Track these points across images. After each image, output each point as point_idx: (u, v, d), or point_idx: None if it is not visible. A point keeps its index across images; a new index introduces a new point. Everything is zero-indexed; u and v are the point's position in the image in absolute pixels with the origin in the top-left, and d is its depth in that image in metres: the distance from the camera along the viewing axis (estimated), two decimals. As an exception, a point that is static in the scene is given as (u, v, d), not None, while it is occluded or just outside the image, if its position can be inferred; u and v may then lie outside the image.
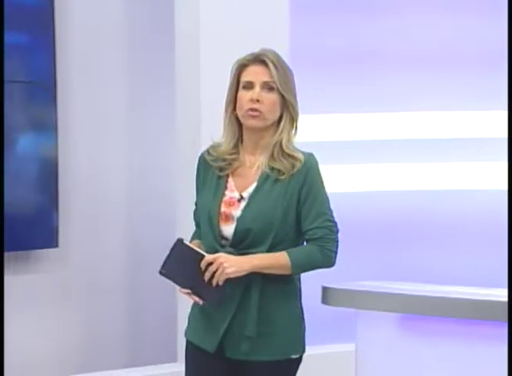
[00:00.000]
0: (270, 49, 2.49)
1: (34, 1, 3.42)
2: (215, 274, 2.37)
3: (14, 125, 3.30)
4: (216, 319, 2.45)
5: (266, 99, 2.40)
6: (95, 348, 3.50)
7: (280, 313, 2.46)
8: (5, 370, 3.15)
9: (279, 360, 2.44)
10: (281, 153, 2.45)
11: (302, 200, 2.46)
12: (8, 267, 3.31)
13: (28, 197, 3.30)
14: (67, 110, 3.35)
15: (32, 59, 3.35)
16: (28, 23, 3.37)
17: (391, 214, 3.83)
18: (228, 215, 2.45)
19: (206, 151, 2.53)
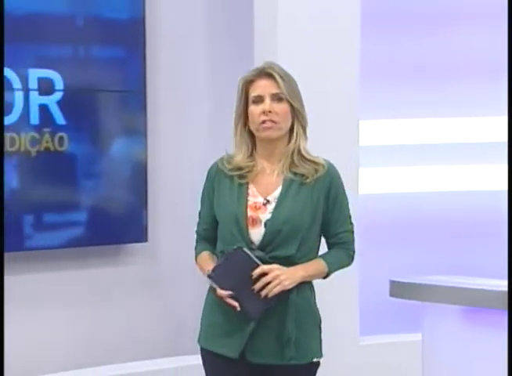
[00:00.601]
0: (273, 62, 2.51)
1: (128, 16, 3.52)
2: (268, 285, 2.35)
3: (109, 131, 3.44)
4: (238, 325, 2.42)
5: (278, 109, 2.42)
6: (178, 337, 3.58)
7: (302, 317, 2.45)
8: (99, 355, 3.36)
9: (303, 364, 2.44)
10: (302, 159, 2.46)
11: (331, 205, 2.48)
12: (101, 260, 3.52)
13: (121, 196, 3.43)
14: (156, 117, 3.45)
15: (125, 70, 3.47)
16: (122, 37, 3.49)
17: (454, 213, 3.84)
18: (255, 219, 2.44)
19: (219, 162, 2.53)
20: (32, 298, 3.32)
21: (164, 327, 3.46)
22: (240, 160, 2.48)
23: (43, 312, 3.39)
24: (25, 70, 3.32)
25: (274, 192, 2.46)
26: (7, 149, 3.28)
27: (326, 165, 2.48)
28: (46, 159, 3.37)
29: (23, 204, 3.36)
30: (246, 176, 2.48)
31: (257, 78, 2.45)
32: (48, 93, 3.37)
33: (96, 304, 3.46)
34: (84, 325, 3.40)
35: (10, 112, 3.32)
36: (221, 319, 2.45)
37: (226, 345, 2.44)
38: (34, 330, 3.37)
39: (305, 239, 2.45)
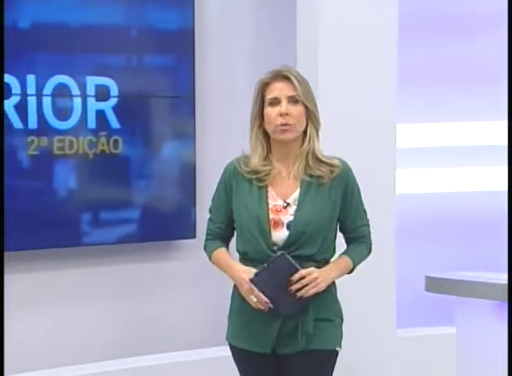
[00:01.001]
0: (288, 65, 2.49)
1: (178, 27, 3.58)
2: (305, 287, 2.36)
3: (160, 134, 3.53)
4: (267, 323, 2.43)
5: (294, 111, 2.40)
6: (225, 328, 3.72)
7: (329, 311, 2.48)
8: (152, 343, 3.44)
9: (327, 350, 2.46)
10: (317, 161, 2.45)
11: (348, 202, 2.49)
12: (152, 255, 3.61)
13: (171, 195, 3.52)
14: (204, 120, 3.53)
15: (175, 77, 3.54)
16: (172, 47, 3.56)
17: (487, 212, 3.85)
18: (277, 221, 2.43)
19: (236, 163, 2.50)
20: (89, 290, 3.43)
21: (211, 320, 3.50)
22: (257, 164, 2.46)
23: (98, 304, 3.49)
24: (83, 77, 3.41)
25: (292, 194, 2.45)
26: (66, 151, 3.37)
27: (340, 165, 2.47)
28: (102, 161, 3.46)
29: (80, 203, 3.46)
30: (264, 179, 2.46)
31: (274, 81, 2.43)
32: (104, 99, 3.45)
33: (147, 296, 3.55)
34: (137, 316, 3.49)
35: (69, 117, 3.41)
36: (251, 318, 2.46)
37: (259, 343, 2.46)
38: (91, 322, 3.46)
39: (326, 237, 2.45)
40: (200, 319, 3.56)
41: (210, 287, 3.56)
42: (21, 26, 3.27)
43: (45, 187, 3.42)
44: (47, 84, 3.36)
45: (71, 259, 3.44)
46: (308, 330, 2.42)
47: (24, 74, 3.31)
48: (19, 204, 3.32)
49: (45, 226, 3.40)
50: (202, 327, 3.58)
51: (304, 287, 2.35)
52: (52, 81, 3.38)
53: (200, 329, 3.56)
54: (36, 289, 3.42)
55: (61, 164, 3.43)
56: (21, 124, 3.31)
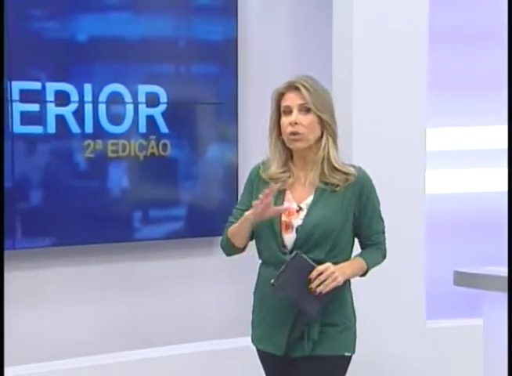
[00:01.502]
0: (304, 75, 2.45)
1: (222, 38, 3.66)
2: (324, 282, 2.33)
3: (205, 138, 3.61)
4: (279, 325, 2.42)
5: (303, 120, 2.38)
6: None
7: (338, 315, 2.44)
8: (198, 332, 3.52)
9: (335, 356, 2.42)
10: (332, 169, 2.42)
11: (362, 209, 2.45)
12: (196, 250, 3.68)
13: (214, 194, 3.60)
14: (246, 125, 3.59)
15: (219, 85, 3.62)
16: (217, 56, 3.64)
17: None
18: (288, 224, 2.42)
19: (261, 166, 2.50)
20: (139, 281, 3.53)
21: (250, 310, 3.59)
22: (274, 172, 2.45)
23: (148, 295, 3.58)
24: (135, 86, 3.50)
25: (306, 199, 2.44)
26: (119, 154, 3.47)
27: (356, 173, 2.44)
28: (152, 163, 3.55)
29: (132, 202, 3.55)
30: (283, 185, 2.45)
31: (287, 91, 2.43)
32: (154, 106, 3.54)
33: (193, 287, 3.64)
34: (183, 306, 3.59)
35: (122, 122, 3.50)
36: (266, 320, 2.46)
37: (272, 344, 2.45)
38: (141, 310, 3.56)
39: (336, 243, 2.42)
40: (238, 310, 3.61)
41: (249, 281, 3.56)
42: (79, 39, 3.39)
43: (99, 187, 3.51)
44: (102, 93, 3.45)
45: (123, 253, 3.54)
46: (314, 335, 2.40)
47: (82, 83, 3.41)
48: (77, 202, 3.43)
49: (100, 223, 3.49)
50: (241, 316, 3.63)
51: (322, 283, 2.33)
52: (107, 89, 3.46)
53: (241, 318, 3.56)
54: (92, 280, 3.53)
55: (114, 166, 3.52)
56: (78, 129, 3.42)
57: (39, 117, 3.36)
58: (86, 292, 3.53)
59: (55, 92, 3.37)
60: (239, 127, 3.61)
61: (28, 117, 3.33)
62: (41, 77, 3.34)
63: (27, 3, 3.29)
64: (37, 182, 3.38)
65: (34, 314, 3.45)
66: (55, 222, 3.40)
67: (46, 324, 3.47)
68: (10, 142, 3.27)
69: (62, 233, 3.42)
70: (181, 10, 3.61)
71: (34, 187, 3.37)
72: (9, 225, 3.27)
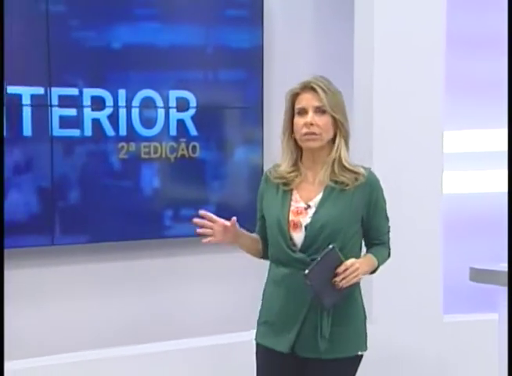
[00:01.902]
0: (319, 76, 2.42)
1: (248, 46, 3.71)
2: (348, 277, 2.29)
3: (232, 140, 3.66)
4: (288, 323, 2.38)
5: (319, 121, 2.35)
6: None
7: (349, 314, 2.41)
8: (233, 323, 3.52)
9: (349, 357, 2.39)
10: (342, 168, 2.39)
11: (371, 211, 2.41)
12: (223, 246, 3.61)
13: (241, 194, 3.64)
14: (271, 128, 3.57)
15: (245, 90, 3.67)
16: (244, 63, 3.70)
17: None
18: (296, 223, 2.37)
19: (269, 171, 2.49)
20: (170, 276, 3.60)
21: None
22: (284, 171, 2.43)
23: (178, 287, 3.64)
24: (166, 91, 3.56)
25: (315, 198, 2.39)
26: (151, 156, 3.54)
27: (366, 174, 2.41)
28: (182, 164, 3.62)
29: (163, 201, 3.62)
30: (290, 183, 2.42)
31: (302, 92, 2.39)
32: (184, 110, 3.60)
33: (222, 281, 3.70)
34: (212, 300, 3.65)
35: (154, 126, 3.57)
36: (274, 318, 2.43)
37: (279, 340, 2.41)
38: (174, 304, 3.63)
39: (344, 242, 2.37)
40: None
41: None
42: (114, 47, 3.46)
43: (132, 187, 3.58)
44: (135, 98, 3.52)
45: (154, 250, 3.62)
46: (325, 333, 2.35)
47: (116, 89, 3.48)
48: (111, 201, 3.51)
49: (133, 221, 3.56)
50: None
51: (345, 278, 2.30)
52: (140, 94, 3.53)
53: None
54: (124, 276, 3.61)
55: (147, 167, 3.58)
56: (113, 132, 3.49)
57: (76, 121, 3.43)
58: (120, 287, 3.61)
59: (92, 97, 3.44)
60: (265, 130, 3.66)
61: (66, 121, 3.41)
62: (78, 83, 3.41)
63: (66, 14, 3.37)
64: (74, 183, 3.46)
65: (72, 306, 3.54)
66: (91, 220, 3.49)
67: (83, 316, 3.55)
68: (49, 145, 3.36)
69: (97, 231, 3.50)
70: (209, 19, 3.65)
71: (71, 187, 3.46)
72: (48, 223, 3.40)
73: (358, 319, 2.44)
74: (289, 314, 2.38)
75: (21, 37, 3.28)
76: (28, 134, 3.35)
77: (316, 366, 2.39)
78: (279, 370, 2.45)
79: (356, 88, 3.57)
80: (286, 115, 2.44)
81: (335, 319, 2.36)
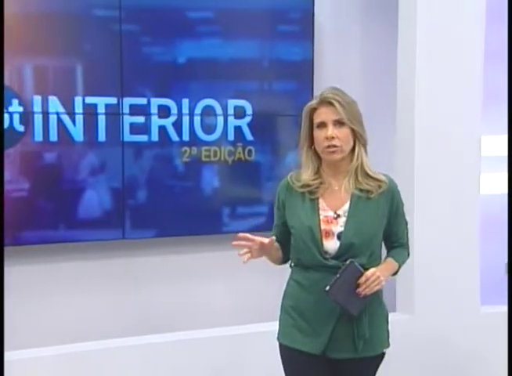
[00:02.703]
0: (334, 89, 2.38)
1: (300, 59, 3.80)
2: (370, 286, 2.28)
3: (285, 145, 3.77)
4: (320, 326, 2.35)
5: (339, 133, 2.32)
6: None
7: (376, 315, 2.40)
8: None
9: (376, 355, 2.40)
10: (366, 176, 2.37)
11: (393, 216, 2.41)
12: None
13: None
14: None
15: (297, 99, 3.69)
16: (295, 75, 3.79)
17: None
18: (328, 232, 2.34)
19: (289, 179, 2.44)
20: (227, 269, 3.61)
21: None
22: (307, 179, 2.39)
23: (233, 279, 3.77)
24: (225, 100, 3.69)
25: (343, 206, 2.37)
26: (211, 159, 3.66)
27: (387, 181, 2.39)
28: (239, 166, 3.75)
29: (221, 200, 3.75)
30: (315, 192, 2.38)
31: (320, 106, 2.35)
32: (241, 117, 3.74)
33: (273, 274, 3.62)
34: (265, 288, 3.64)
35: (214, 131, 3.70)
36: (304, 321, 2.38)
37: (309, 343, 2.36)
38: (236, 292, 3.76)
39: (374, 248, 2.38)
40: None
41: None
42: (179, 61, 3.62)
43: (194, 187, 3.70)
44: (197, 106, 3.65)
45: (213, 244, 3.72)
46: (365, 334, 2.35)
47: (180, 99, 3.63)
48: (175, 200, 3.66)
49: (194, 218, 3.69)
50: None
51: (368, 287, 2.28)
52: (201, 103, 3.66)
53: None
54: (187, 267, 3.78)
55: (207, 169, 3.72)
56: (177, 137, 3.64)
57: (145, 128, 3.58)
58: (182, 276, 3.76)
59: (158, 106, 3.59)
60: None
61: (136, 128, 3.57)
62: (146, 93, 3.58)
63: (136, 33, 3.55)
64: (142, 183, 3.63)
65: (140, 293, 3.70)
66: (157, 216, 3.64)
67: (150, 301, 3.71)
68: (121, 149, 3.54)
69: (163, 226, 3.66)
70: (264, 35, 3.77)
71: (140, 187, 3.62)
72: (120, 219, 3.57)
73: (383, 319, 2.45)
74: (321, 318, 2.35)
75: (97, 53, 3.49)
76: (102, 139, 3.52)
77: (346, 365, 2.39)
78: (308, 371, 2.41)
79: (399, 96, 3.63)
80: (304, 129, 2.40)
81: (369, 319, 2.36)
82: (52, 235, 3.50)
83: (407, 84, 3.59)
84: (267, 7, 3.78)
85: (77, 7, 3.46)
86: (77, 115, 3.47)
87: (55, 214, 3.51)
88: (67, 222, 3.53)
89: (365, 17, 4.07)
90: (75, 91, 3.48)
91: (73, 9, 3.45)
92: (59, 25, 3.43)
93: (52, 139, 3.46)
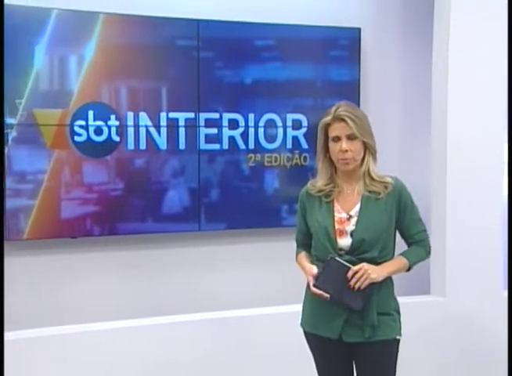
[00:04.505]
0: (346, 106, 2.40)
1: (348, 79, 3.93)
2: (360, 279, 2.31)
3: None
4: (336, 313, 2.39)
5: (352, 146, 2.37)
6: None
7: (387, 305, 2.43)
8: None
9: (389, 339, 2.42)
10: (372, 180, 2.41)
11: (402, 213, 2.42)
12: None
13: None
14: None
15: None
16: (344, 93, 3.87)
17: None
18: (342, 231, 2.38)
19: (308, 186, 2.51)
20: (283, 259, 3.17)
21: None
22: (321, 185, 2.45)
23: (286, 267, 3.62)
24: (284, 114, 3.87)
25: (354, 208, 2.41)
26: (272, 164, 3.80)
27: (393, 182, 2.42)
28: (296, 170, 3.89)
29: (281, 198, 3.91)
30: (330, 195, 2.43)
31: (333, 122, 2.39)
32: (297, 129, 3.90)
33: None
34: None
35: (275, 141, 3.86)
36: (322, 309, 2.43)
37: (328, 329, 2.42)
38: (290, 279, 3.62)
39: (384, 243, 2.39)
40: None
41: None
42: (246, 82, 3.82)
43: (258, 187, 3.89)
44: (261, 120, 3.83)
45: (274, 236, 3.91)
46: (373, 322, 2.38)
47: (247, 113, 3.82)
48: (242, 198, 3.86)
49: (258, 213, 3.88)
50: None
51: (358, 280, 2.32)
52: (265, 117, 3.84)
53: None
54: (252, 257, 3.96)
55: (269, 173, 3.89)
56: (244, 146, 3.83)
57: (217, 138, 3.77)
58: (248, 265, 3.98)
59: (229, 119, 3.79)
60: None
61: (210, 138, 3.77)
62: (219, 109, 3.78)
63: (211, 58, 3.77)
64: (215, 184, 3.82)
65: (211, 277, 3.92)
66: (227, 212, 3.85)
67: (220, 286, 3.92)
68: (197, 156, 3.75)
69: (232, 220, 3.87)
70: (318, 59, 3.92)
71: (213, 187, 3.82)
72: (196, 214, 3.77)
73: (395, 311, 2.48)
74: (336, 306, 2.39)
75: (179, 76, 3.72)
76: (182, 148, 3.74)
77: (359, 349, 2.43)
78: (329, 353, 2.47)
79: (434, 109, 3.71)
80: (320, 141, 2.45)
81: (378, 309, 2.41)
82: (142, 227, 3.74)
83: (440, 100, 3.65)
84: (320, 36, 3.93)
85: (163, 38, 3.73)
86: (162, 127, 3.70)
87: (144, 209, 3.75)
88: (153, 217, 3.76)
89: (404, 43, 4.16)
90: (160, 107, 3.71)
91: (160, 40, 3.72)
92: (148, 53, 3.70)
93: (142, 147, 3.69)
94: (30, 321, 3.44)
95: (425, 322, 3.63)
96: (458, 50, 3.62)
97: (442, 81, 3.66)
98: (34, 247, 3.63)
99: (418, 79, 4.13)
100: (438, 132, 3.72)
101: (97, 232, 3.67)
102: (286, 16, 3.91)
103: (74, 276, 3.74)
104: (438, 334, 3.68)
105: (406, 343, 2.56)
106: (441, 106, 3.67)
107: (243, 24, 3.80)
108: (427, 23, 3.81)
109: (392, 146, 4.16)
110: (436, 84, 3.73)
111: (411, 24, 4.17)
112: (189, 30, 3.72)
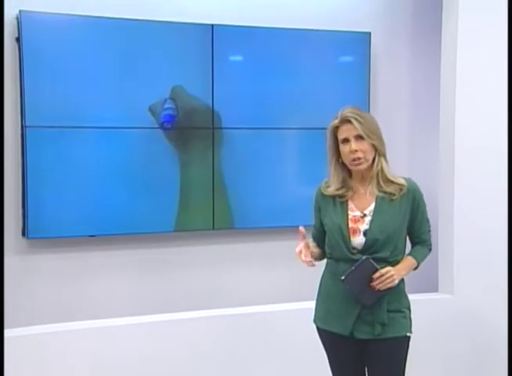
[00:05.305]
0: (352, 109, 2.43)
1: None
2: (384, 282, 2.34)
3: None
4: (348, 311, 2.42)
5: (361, 146, 2.39)
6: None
7: (398, 303, 2.46)
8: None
9: (399, 336, 2.44)
10: (386, 180, 2.43)
11: (414, 214, 2.46)
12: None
13: None
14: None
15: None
16: (352, 97, 3.80)
17: None
18: (355, 230, 2.41)
19: (322, 187, 2.52)
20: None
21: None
22: (333, 190, 2.47)
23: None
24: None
25: (368, 207, 2.43)
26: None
27: (407, 184, 2.44)
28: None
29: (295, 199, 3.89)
30: (345, 196, 2.46)
31: (341, 124, 2.42)
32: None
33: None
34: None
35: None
36: (335, 306, 2.47)
37: (340, 325, 2.45)
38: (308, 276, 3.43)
39: (397, 243, 2.42)
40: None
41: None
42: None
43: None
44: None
45: (283, 235, 3.77)
46: (383, 319, 2.41)
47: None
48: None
49: (269, 213, 3.92)
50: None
51: (381, 282, 2.36)
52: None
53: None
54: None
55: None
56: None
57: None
58: (266, 261, 3.97)
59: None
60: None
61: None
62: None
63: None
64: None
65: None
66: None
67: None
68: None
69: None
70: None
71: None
72: (210, 213, 3.78)
73: (406, 309, 2.51)
74: (349, 304, 2.43)
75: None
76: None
77: (370, 345, 2.45)
78: (341, 349, 2.50)
79: (442, 112, 3.76)
80: (330, 145, 2.48)
81: (389, 306, 2.44)
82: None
83: (448, 109, 3.66)
84: (330, 40, 3.92)
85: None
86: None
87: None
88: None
89: (413, 47, 4.17)
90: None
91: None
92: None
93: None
94: (49, 316, 3.47)
95: (433, 319, 3.66)
96: (466, 54, 3.66)
97: (450, 84, 3.69)
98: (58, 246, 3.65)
99: (427, 83, 4.15)
100: (446, 135, 3.75)
101: (114, 231, 3.69)
102: (297, 20, 3.90)
103: (91, 273, 3.75)
104: (446, 331, 3.72)
105: (415, 339, 2.57)
106: (450, 109, 3.71)
107: (253, 29, 3.79)
108: (436, 28, 3.84)
109: (401, 149, 4.18)
110: (444, 87, 3.77)
111: (420, 29, 4.19)
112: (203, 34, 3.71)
